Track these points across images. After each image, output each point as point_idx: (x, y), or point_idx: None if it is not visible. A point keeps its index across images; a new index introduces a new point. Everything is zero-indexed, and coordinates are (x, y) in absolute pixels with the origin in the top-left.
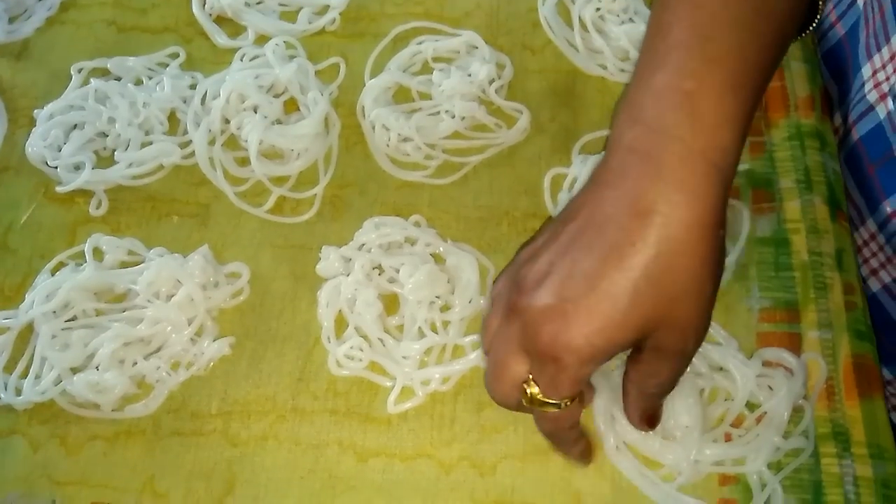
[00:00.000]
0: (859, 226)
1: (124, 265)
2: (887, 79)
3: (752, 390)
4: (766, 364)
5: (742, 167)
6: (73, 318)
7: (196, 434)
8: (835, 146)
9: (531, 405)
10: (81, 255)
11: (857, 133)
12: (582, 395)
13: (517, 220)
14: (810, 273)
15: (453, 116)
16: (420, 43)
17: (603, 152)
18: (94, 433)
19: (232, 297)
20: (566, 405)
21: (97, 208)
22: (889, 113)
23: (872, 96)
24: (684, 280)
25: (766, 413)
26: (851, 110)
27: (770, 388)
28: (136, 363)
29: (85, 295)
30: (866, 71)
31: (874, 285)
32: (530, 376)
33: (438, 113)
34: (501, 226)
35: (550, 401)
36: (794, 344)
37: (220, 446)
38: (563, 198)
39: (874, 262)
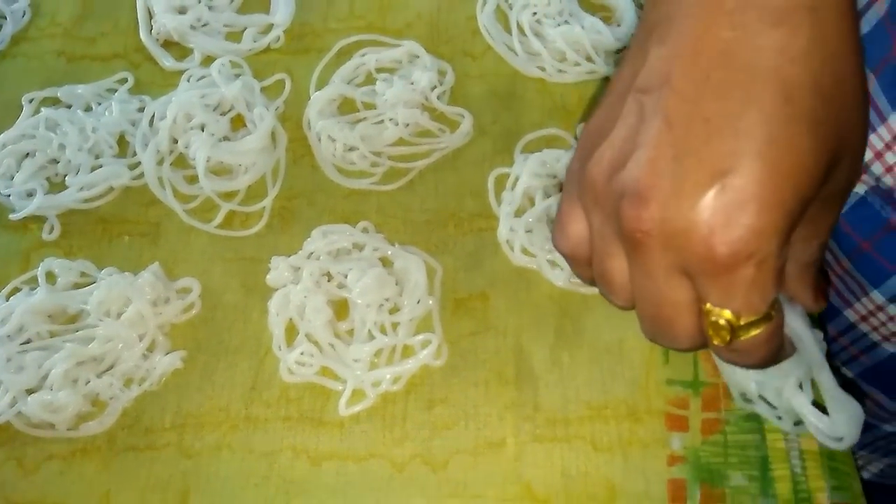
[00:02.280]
0: None
1: (77, 287)
2: None
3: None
4: None
5: None
6: (28, 342)
7: (150, 448)
8: None
9: (732, 340)
10: (35, 279)
11: None
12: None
13: (463, 221)
14: None
15: (397, 124)
16: (363, 55)
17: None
18: (50, 453)
19: (183, 311)
20: (776, 312)
21: (50, 233)
22: None
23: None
24: (855, 88)
25: None
26: None
27: None
28: (88, 381)
29: (38, 318)
30: None
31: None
32: (708, 306)
33: (383, 121)
34: (448, 227)
35: (757, 317)
36: None
37: (175, 459)
38: (507, 196)
39: None
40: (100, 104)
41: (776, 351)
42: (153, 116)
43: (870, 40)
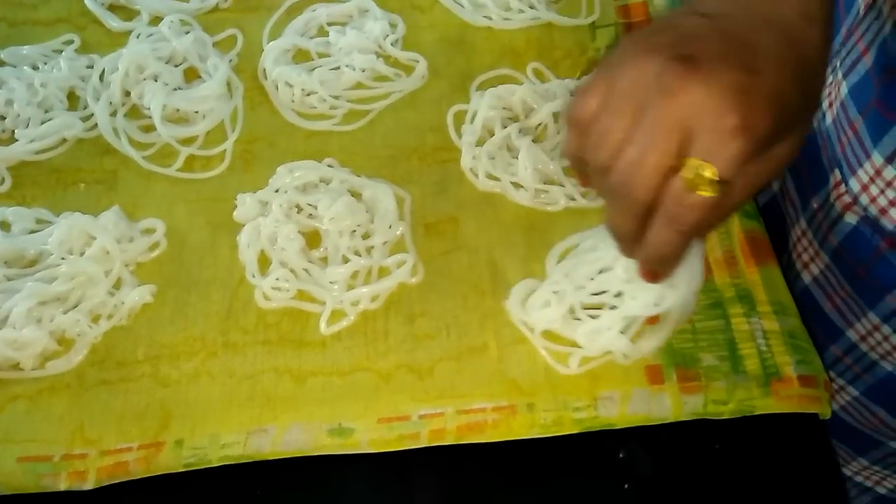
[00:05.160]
0: (794, 224)
1: (33, 233)
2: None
3: None
4: None
5: None
6: None
7: (124, 381)
8: None
9: (690, 187)
10: None
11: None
12: None
13: (427, 154)
14: None
15: (354, 69)
16: (314, 10)
17: None
18: (14, 394)
19: (149, 250)
20: (725, 193)
21: (0, 185)
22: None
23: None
24: (820, 77)
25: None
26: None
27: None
28: (53, 319)
29: None
30: None
31: (806, 278)
32: (690, 159)
33: (339, 68)
34: (412, 160)
35: (721, 179)
36: None
37: (151, 389)
38: (467, 129)
39: (805, 256)
40: (46, 64)
41: (707, 223)
42: (103, 72)
43: (859, 88)
